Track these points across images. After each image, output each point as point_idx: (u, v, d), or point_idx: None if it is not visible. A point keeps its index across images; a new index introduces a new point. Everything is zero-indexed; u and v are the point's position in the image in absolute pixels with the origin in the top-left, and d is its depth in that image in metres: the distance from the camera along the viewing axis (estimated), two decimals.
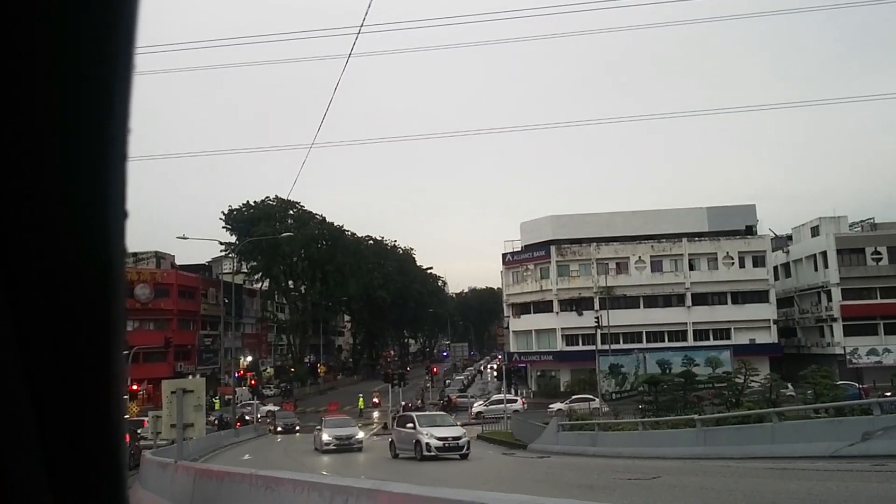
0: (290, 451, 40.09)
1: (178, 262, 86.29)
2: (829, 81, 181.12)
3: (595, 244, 77.82)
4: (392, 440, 33.63)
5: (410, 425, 30.85)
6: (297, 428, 56.99)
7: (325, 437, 37.21)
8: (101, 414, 1.06)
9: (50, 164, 0.94)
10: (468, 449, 29.79)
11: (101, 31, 0.94)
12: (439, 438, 29.07)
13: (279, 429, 57.99)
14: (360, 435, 38.96)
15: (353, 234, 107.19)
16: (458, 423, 36.53)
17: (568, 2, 65.18)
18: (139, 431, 36.52)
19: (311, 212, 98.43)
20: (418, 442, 29.39)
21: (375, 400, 73.28)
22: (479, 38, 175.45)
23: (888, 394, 47.99)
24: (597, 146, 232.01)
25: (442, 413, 42.21)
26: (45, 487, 1.02)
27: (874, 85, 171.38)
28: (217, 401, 65.65)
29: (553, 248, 78.46)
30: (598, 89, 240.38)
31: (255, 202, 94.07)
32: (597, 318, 69.15)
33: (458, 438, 29.67)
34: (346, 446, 36.63)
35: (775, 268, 78.56)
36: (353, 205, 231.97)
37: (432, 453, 28.44)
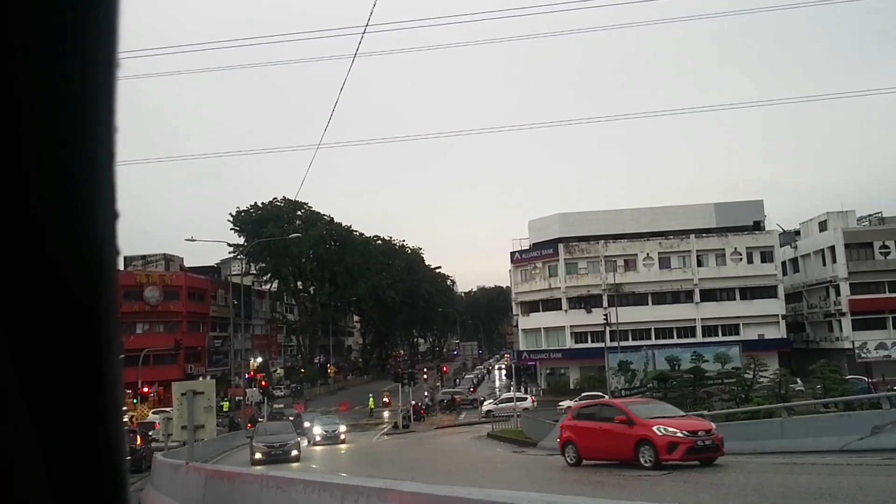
0: None
1: (186, 264, 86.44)
2: (837, 75, 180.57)
3: (603, 241, 77.78)
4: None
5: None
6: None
7: None
8: (98, 415, 1.05)
9: (35, 165, 0.92)
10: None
11: (81, 28, 0.92)
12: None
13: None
14: None
15: (362, 235, 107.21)
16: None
17: None
18: (150, 433, 36.67)
19: (319, 212, 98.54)
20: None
21: (386, 399, 73.40)
22: (486, 36, 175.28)
23: None
24: (604, 143, 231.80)
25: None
26: (46, 489, 1.01)
27: (882, 78, 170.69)
28: (227, 403, 65.64)
29: (561, 246, 78.48)
30: (605, 87, 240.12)
31: (262, 203, 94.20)
32: (605, 315, 69.22)
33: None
34: None
35: (783, 263, 78.33)
36: (361, 205, 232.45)
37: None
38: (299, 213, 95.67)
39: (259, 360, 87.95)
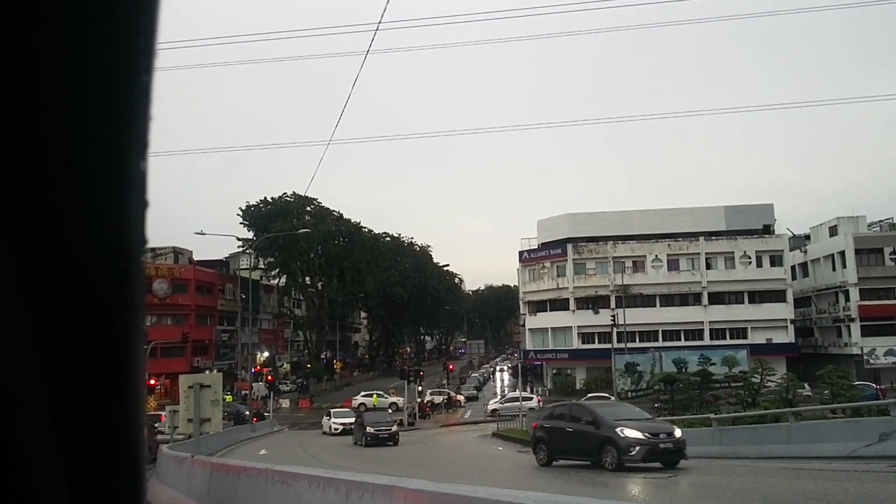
0: None
1: (195, 257, 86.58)
2: (849, 79, 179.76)
3: (612, 242, 77.63)
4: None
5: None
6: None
7: None
8: (120, 406, 1.04)
9: (71, 153, 0.92)
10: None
11: (123, 17, 0.92)
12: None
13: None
14: None
15: (371, 231, 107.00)
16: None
17: None
18: (156, 426, 36.79)
19: (328, 208, 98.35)
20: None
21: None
22: (498, 36, 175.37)
23: None
24: (615, 144, 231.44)
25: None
26: (64, 479, 1.00)
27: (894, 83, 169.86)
28: (230, 396, 65.08)
29: (570, 246, 78.36)
30: (617, 87, 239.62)
31: (272, 198, 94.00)
32: (613, 316, 69.11)
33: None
34: None
35: (793, 267, 78.03)
36: (371, 202, 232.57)
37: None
38: (308, 208, 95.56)
39: (266, 354, 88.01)
